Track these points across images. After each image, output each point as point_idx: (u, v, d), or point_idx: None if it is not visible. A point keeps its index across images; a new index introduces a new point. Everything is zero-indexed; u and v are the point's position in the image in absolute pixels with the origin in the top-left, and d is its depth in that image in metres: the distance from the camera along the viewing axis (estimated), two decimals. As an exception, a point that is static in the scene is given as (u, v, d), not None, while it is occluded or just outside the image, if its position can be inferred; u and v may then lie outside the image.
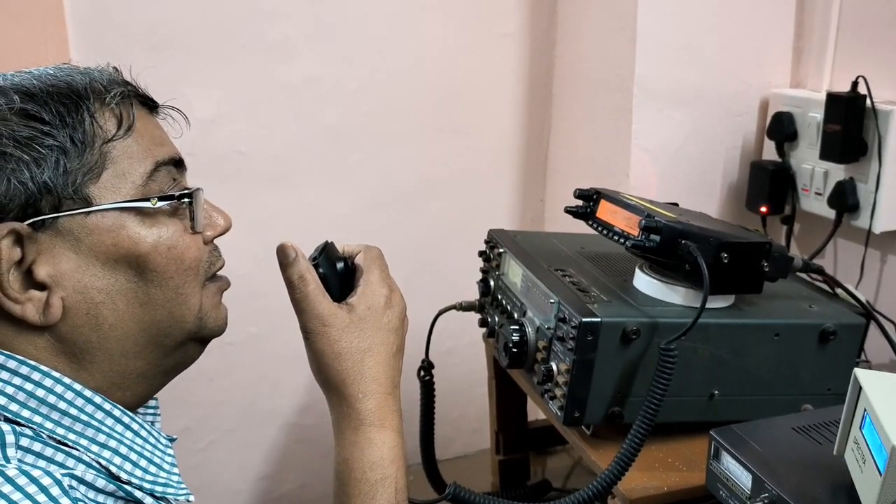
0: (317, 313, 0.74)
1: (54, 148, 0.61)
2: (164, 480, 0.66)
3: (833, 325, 0.98)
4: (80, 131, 0.62)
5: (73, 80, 0.64)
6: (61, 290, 0.62)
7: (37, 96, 0.62)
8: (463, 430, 1.67)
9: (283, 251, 0.75)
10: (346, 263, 0.79)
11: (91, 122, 0.63)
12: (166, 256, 0.66)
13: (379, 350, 0.75)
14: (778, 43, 1.39)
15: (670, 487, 0.91)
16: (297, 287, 0.74)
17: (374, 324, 0.76)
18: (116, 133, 0.64)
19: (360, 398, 0.74)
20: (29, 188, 0.60)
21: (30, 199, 0.60)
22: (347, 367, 0.74)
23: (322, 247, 0.79)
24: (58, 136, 0.61)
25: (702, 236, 0.92)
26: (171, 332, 0.68)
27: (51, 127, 0.61)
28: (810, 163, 1.30)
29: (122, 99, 0.66)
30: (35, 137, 0.60)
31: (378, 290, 0.77)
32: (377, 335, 0.76)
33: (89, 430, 0.62)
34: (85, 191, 0.62)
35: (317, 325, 0.74)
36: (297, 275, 0.74)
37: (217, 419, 1.52)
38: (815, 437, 0.83)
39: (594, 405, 0.94)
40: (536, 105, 1.60)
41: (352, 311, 0.75)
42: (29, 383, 0.61)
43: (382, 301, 0.77)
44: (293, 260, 0.74)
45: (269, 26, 1.38)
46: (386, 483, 0.73)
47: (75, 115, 0.62)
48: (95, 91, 0.64)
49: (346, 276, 0.78)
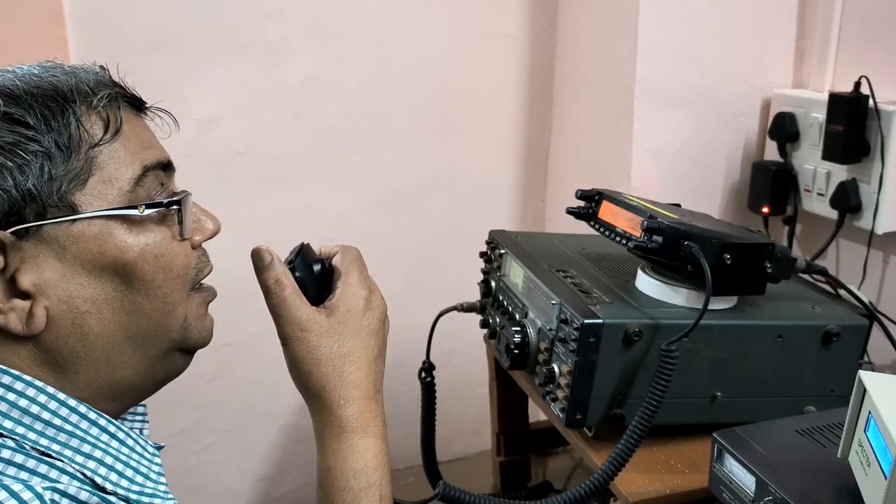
0: (294, 318, 0.71)
1: (39, 153, 0.59)
2: (151, 490, 0.65)
3: (836, 326, 0.98)
4: (66, 136, 0.60)
5: (58, 82, 0.62)
6: (45, 299, 0.60)
7: (21, 99, 0.60)
8: (463, 431, 1.66)
9: (258, 255, 0.72)
10: (324, 265, 0.76)
11: (77, 126, 0.61)
12: (154, 265, 0.64)
13: (359, 354, 0.73)
14: (780, 43, 1.38)
15: (672, 490, 0.90)
16: (273, 292, 0.71)
17: (353, 327, 0.73)
18: (103, 137, 0.62)
19: (341, 405, 0.72)
20: (13, 196, 0.58)
21: (13, 207, 0.58)
22: (328, 373, 0.71)
23: (298, 249, 0.76)
24: (43, 142, 0.59)
25: (704, 237, 0.91)
26: (156, 342, 0.66)
27: (35, 132, 0.59)
28: (812, 163, 1.30)
29: (110, 101, 0.64)
30: (19, 143, 0.58)
31: (357, 293, 0.74)
32: (357, 339, 0.73)
33: (74, 439, 0.61)
34: (70, 198, 0.60)
35: (294, 330, 0.71)
36: (273, 279, 0.71)
37: (215, 420, 1.51)
38: (818, 440, 0.82)
39: (596, 407, 0.93)
40: (537, 105, 1.59)
41: (330, 315, 0.72)
42: (11, 393, 0.59)
43: (362, 303, 0.74)
44: (269, 264, 0.72)
45: (269, 26, 1.38)
46: (370, 491, 0.71)
47: (61, 118, 0.60)
48: (81, 93, 0.62)
49: (323, 279, 0.76)
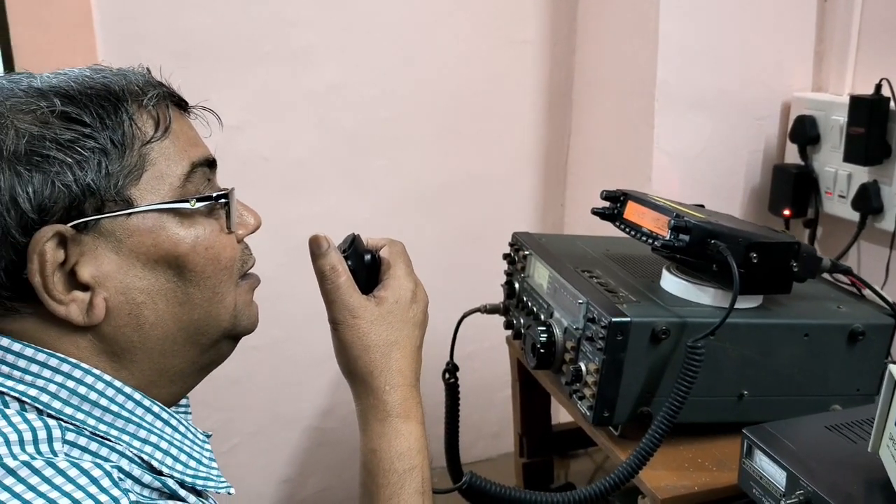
0: (347, 305, 0.75)
1: (96, 150, 0.61)
2: (205, 474, 0.67)
3: (862, 325, 0.98)
4: (120, 133, 0.62)
5: (109, 82, 0.64)
6: (104, 290, 0.62)
7: (76, 99, 0.62)
8: (484, 434, 1.67)
9: (316, 242, 0.76)
10: (374, 256, 0.80)
11: (130, 123, 0.63)
12: (204, 256, 0.66)
13: (405, 343, 0.77)
14: (799, 47, 1.39)
15: (700, 487, 0.91)
16: (328, 278, 0.75)
17: (401, 317, 0.77)
18: (154, 135, 0.64)
19: (386, 390, 0.75)
20: (73, 191, 0.60)
21: (73, 202, 0.60)
22: (375, 359, 0.75)
23: (350, 239, 0.80)
24: (99, 139, 0.61)
25: (731, 236, 0.92)
26: (207, 331, 0.69)
27: (92, 129, 0.61)
28: (833, 166, 1.31)
29: (158, 100, 0.66)
30: (77, 140, 0.60)
31: (405, 284, 0.78)
32: (404, 329, 0.77)
33: (130, 425, 0.63)
34: (126, 192, 0.62)
35: (346, 316, 0.75)
36: (329, 266, 0.75)
37: (240, 422, 1.53)
38: (848, 435, 0.83)
39: (623, 405, 0.94)
40: (556, 110, 1.60)
41: (380, 304, 0.76)
42: (70, 381, 0.61)
43: (409, 295, 0.78)
44: (325, 251, 0.76)
45: (293, 34, 1.40)
46: (413, 473, 0.74)
47: (114, 117, 0.63)
48: (132, 93, 0.65)
49: (372, 269, 0.80)
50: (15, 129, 0.59)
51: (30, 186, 0.59)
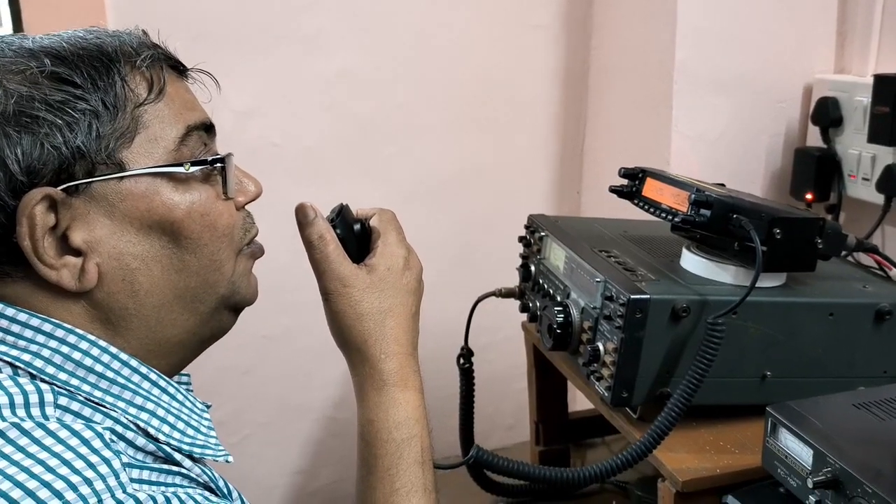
0: (337, 274, 0.74)
1: (87, 112, 0.60)
2: (203, 442, 0.65)
3: (889, 304, 0.95)
4: (112, 95, 0.61)
5: (102, 43, 0.63)
6: (97, 255, 0.61)
7: (68, 59, 0.60)
8: (499, 425, 1.65)
9: (302, 210, 0.75)
10: (363, 225, 0.79)
11: (122, 85, 0.62)
12: (200, 223, 0.65)
13: (399, 311, 0.75)
14: (821, 28, 1.36)
15: (723, 469, 0.88)
16: (316, 247, 0.74)
17: (393, 284, 0.75)
18: (147, 97, 0.63)
19: (382, 359, 0.74)
20: (62, 153, 0.59)
21: (63, 164, 0.59)
22: (369, 328, 0.74)
23: (338, 209, 0.79)
24: (90, 100, 0.60)
25: (754, 211, 0.89)
26: (205, 299, 0.67)
27: (83, 90, 0.60)
28: (857, 148, 1.27)
29: (153, 62, 0.65)
30: (68, 101, 0.59)
31: (396, 252, 0.77)
32: (397, 296, 0.75)
33: (126, 392, 0.61)
34: (118, 155, 0.61)
35: (337, 285, 0.73)
36: (317, 234, 0.74)
37: (251, 413, 1.51)
38: (877, 413, 0.80)
39: (642, 385, 0.91)
40: (572, 96, 1.58)
41: (371, 272, 0.75)
42: (65, 346, 0.60)
43: (401, 262, 0.77)
44: (312, 220, 0.74)
45: (305, 19, 1.38)
46: (412, 442, 0.72)
47: (106, 78, 0.61)
48: (126, 54, 0.63)
49: (362, 238, 0.78)
50: (3, 89, 0.58)
51: (18, 148, 0.58)
